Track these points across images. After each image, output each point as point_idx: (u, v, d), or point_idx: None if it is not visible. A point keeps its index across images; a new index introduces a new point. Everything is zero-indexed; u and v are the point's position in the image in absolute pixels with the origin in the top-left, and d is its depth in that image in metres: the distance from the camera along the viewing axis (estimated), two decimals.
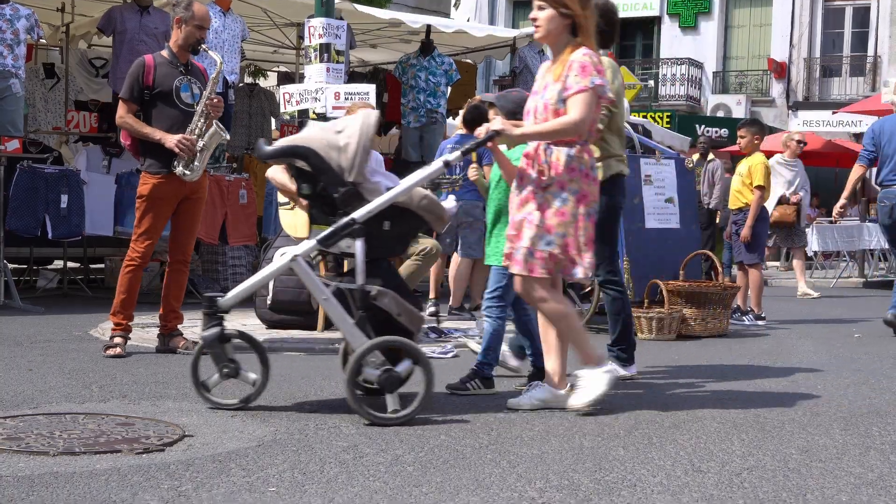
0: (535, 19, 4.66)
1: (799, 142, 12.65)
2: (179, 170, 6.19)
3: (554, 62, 4.66)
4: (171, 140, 6.15)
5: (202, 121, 6.25)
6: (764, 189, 9.12)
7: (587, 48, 4.58)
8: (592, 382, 4.62)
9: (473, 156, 7.01)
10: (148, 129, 6.22)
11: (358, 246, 4.44)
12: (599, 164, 5.34)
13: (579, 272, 4.58)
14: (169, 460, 3.66)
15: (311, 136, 4.62)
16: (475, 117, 9.08)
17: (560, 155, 4.55)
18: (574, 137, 4.56)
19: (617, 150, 5.70)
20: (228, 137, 6.48)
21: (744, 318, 9.03)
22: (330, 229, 4.51)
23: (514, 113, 4.88)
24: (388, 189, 4.55)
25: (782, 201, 12.25)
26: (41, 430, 4.06)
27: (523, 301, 5.00)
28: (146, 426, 4.19)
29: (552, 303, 4.63)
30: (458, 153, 4.60)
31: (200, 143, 6.21)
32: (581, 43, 4.60)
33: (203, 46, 6.38)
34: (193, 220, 6.47)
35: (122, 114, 6.30)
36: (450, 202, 4.98)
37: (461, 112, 13.83)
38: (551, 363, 4.84)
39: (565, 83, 4.53)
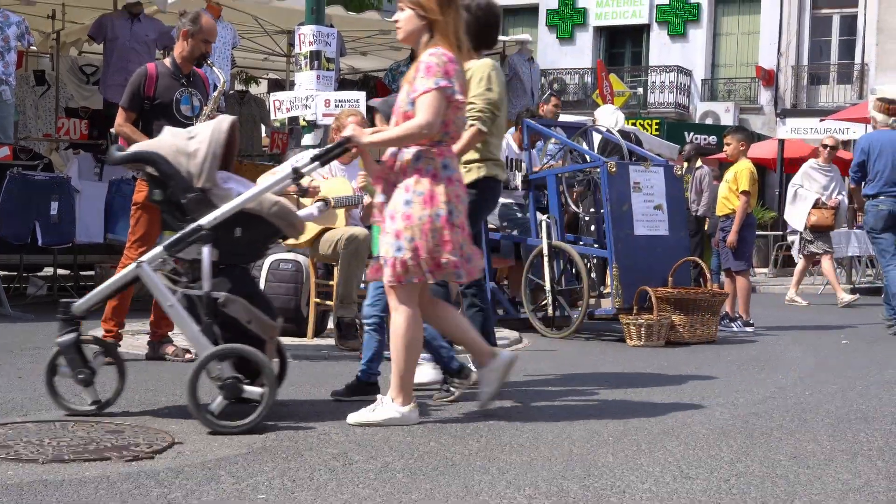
0: (396, 21, 4.64)
1: (828, 146, 12.74)
2: None
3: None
4: None
5: None
6: (749, 195, 9.17)
7: (441, 48, 4.49)
8: (384, 411, 4.49)
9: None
10: (144, 140, 6.22)
11: (205, 252, 4.42)
12: (477, 164, 5.30)
13: (451, 271, 4.48)
14: (158, 468, 3.66)
15: (161, 141, 4.63)
16: None
17: (407, 157, 4.50)
18: (425, 140, 4.49)
19: (495, 154, 5.54)
20: None
21: (732, 324, 9.07)
22: (176, 235, 4.49)
23: None
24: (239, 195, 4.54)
25: (818, 205, 12.42)
26: (30, 437, 4.05)
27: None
28: (136, 433, 4.18)
29: (402, 317, 4.49)
30: (307, 157, 4.61)
31: None
32: (436, 43, 4.52)
33: (209, 62, 6.38)
34: None
35: (120, 122, 6.31)
36: (310, 209, 4.95)
37: None
38: (469, 347, 4.80)
39: (413, 85, 4.49)
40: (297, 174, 4.56)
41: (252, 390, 4.32)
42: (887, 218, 8.97)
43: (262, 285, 7.49)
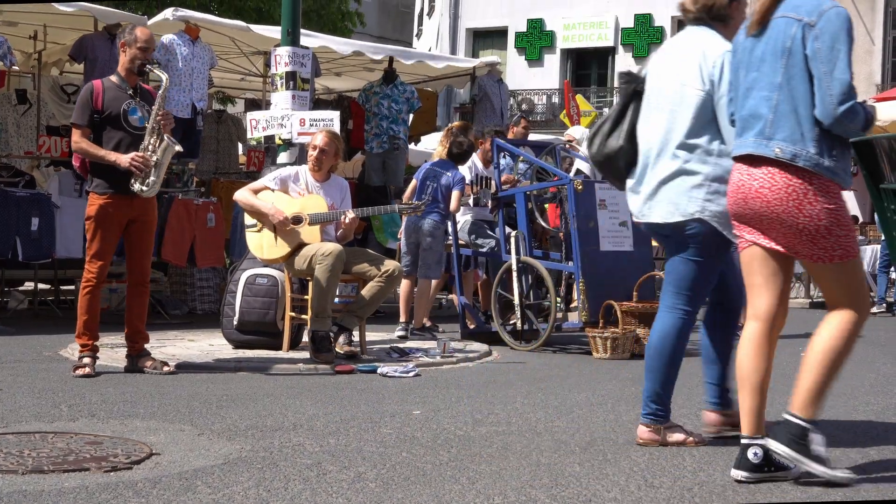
0: None
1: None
2: (137, 187, 6.24)
3: None
4: (124, 160, 6.21)
5: (153, 137, 6.31)
6: None
7: None
8: None
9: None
10: (102, 151, 6.29)
11: None
12: None
13: None
14: (136, 478, 3.71)
15: None
16: (461, 153, 9.17)
17: None
18: None
19: None
20: (181, 148, 6.53)
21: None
22: None
23: None
24: None
25: None
26: (10, 448, 4.10)
27: None
28: (114, 444, 4.24)
29: None
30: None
31: (154, 158, 6.28)
32: None
33: (148, 67, 6.46)
34: (146, 243, 6.52)
35: (76, 139, 6.37)
36: None
37: (422, 138, 14.06)
38: None
39: None
40: None
41: None
42: None
43: (238, 299, 7.58)
